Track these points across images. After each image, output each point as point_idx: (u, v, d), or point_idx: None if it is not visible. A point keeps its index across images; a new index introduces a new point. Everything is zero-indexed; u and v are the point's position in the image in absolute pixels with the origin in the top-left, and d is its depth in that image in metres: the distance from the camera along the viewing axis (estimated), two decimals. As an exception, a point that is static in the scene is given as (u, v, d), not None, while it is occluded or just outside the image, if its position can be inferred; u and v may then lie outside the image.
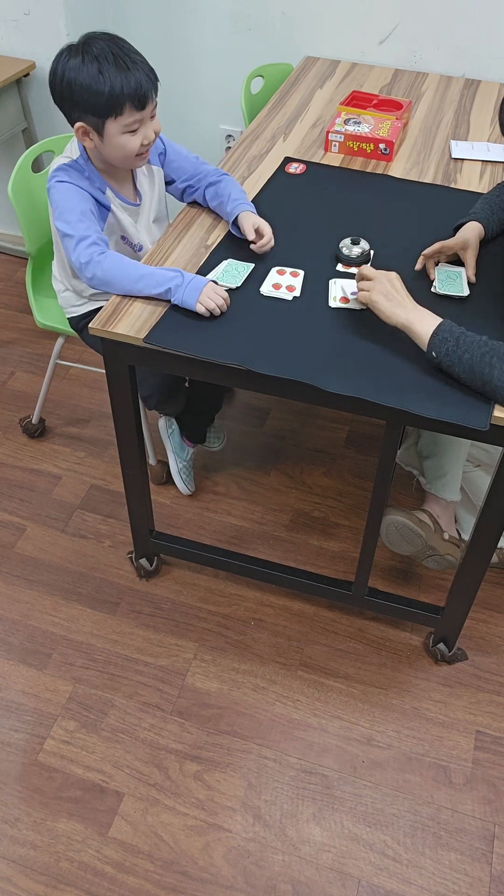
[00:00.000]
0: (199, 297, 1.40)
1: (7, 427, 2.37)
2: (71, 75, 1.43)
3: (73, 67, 1.43)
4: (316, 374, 1.31)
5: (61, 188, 1.55)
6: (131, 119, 1.47)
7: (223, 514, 2.13)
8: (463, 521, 1.96)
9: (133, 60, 1.44)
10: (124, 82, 1.42)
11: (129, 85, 1.43)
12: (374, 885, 1.48)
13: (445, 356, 1.28)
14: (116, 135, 1.49)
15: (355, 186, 1.80)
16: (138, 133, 1.50)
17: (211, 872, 1.49)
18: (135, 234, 1.70)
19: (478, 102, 2.22)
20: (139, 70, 1.44)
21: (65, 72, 1.44)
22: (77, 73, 1.42)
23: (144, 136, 1.51)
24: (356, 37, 2.38)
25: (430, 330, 1.30)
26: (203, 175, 1.71)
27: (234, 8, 2.41)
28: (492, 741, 1.69)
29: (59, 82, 1.46)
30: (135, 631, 1.87)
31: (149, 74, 1.46)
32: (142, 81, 1.44)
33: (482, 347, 1.25)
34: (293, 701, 1.75)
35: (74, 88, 1.44)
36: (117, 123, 1.47)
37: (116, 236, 1.69)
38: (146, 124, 1.51)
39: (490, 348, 1.25)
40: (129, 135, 1.50)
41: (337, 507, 2.16)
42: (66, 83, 1.44)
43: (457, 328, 1.29)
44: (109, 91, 1.42)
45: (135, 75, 1.43)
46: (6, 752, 1.65)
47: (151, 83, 1.47)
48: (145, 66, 1.46)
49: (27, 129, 2.66)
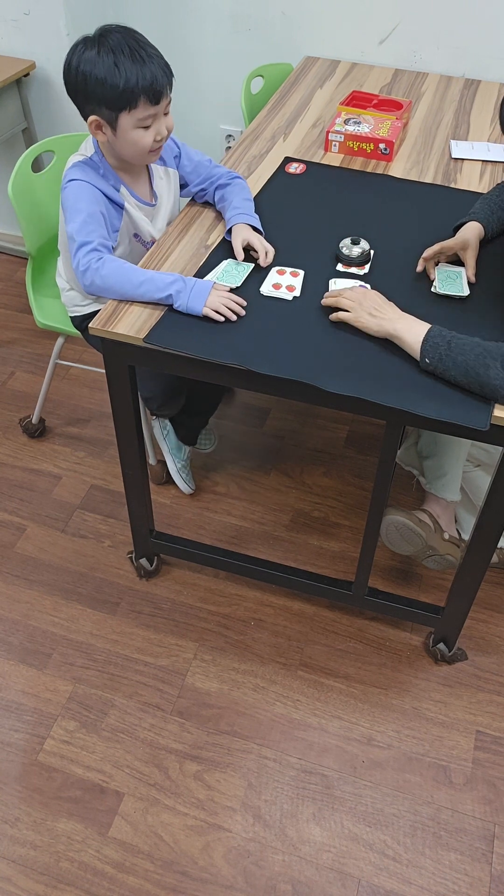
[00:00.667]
0: (207, 301, 1.39)
1: (7, 427, 2.37)
2: (86, 68, 1.42)
3: (88, 60, 1.42)
4: (316, 374, 1.31)
5: (73, 187, 1.54)
6: (145, 113, 1.46)
7: (223, 514, 2.13)
8: (463, 521, 1.96)
9: (149, 54, 1.43)
10: (140, 75, 1.41)
11: (145, 78, 1.42)
12: (374, 885, 1.48)
13: (439, 361, 1.28)
14: (130, 129, 1.48)
15: (355, 186, 1.80)
16: (151, 128, 1.50)
17: (211, 872, 1.49)
18: (148, 233, 1.69)
19: (478, 102, 2.22)
20: (155, 64, 1.43)
21: (80, 64, 1.43)
22: (92, 65, 1.41)
23: (157, 131, 1.51)
24: (356, 37, 2.38)
25: (420, 337, 1.30)
26: (215, 178, 1.71)
27: (234, 8, 2.41)
28: (492, 741, 1.69)
29: (73, 75, 1.44)
30: (135, 631, 1.87)
31: (164, 69, 1.45)
32: (157, 75, 1.43)
33: (476, 348, 1.25)
34: (293, 701, 1.75)
35: (89, 81, 1.42)
36: (131, 117, 1.46)
37: (130, 234, 1.68)
38: (160, 120, 1.50)
39: (484, 349, 1.25)
40: (143, 130, 1.49)
41: (337, 507, 2.16)
42: (82, 76, 1.43)
43: (447, 332, 1.29)
44: (125, 84, 1.41)
45: (150, 69, 1.42)
46: (6, 752, 1.65)
47: (167, 78, 1.46)
48: (161, 61, 1.45)
49: (27, 129, 2.66)
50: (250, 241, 1.54)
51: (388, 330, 1.34)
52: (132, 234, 1.68)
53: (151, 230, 1.69)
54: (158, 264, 1.55)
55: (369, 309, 1.36)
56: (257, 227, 1.59)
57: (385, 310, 1.36)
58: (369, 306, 1.37)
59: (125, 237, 1.67)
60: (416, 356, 1.31)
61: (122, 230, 1.64)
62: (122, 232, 1.65)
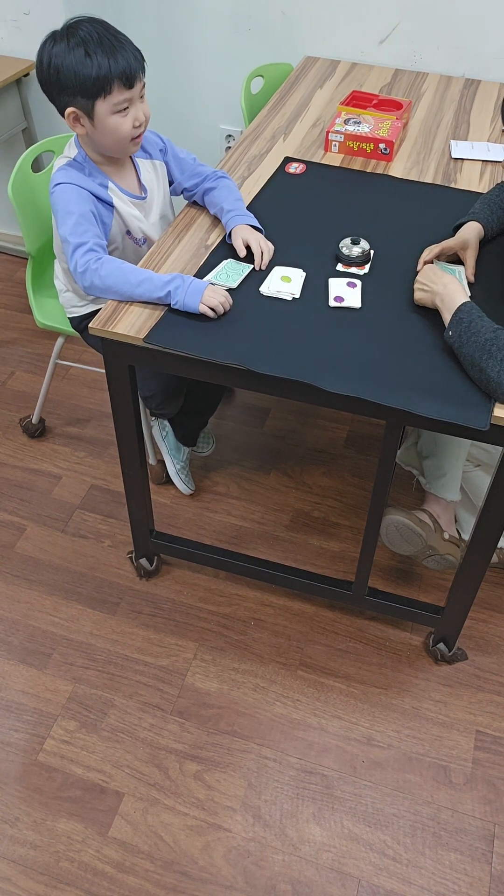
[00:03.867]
0: (203, 298, 1.39)
1: (7, 427, 2.37)
2: (57, 61, 1.44)
3: (58, 53, 1.43)
4: (316, 374, 1.31)
5: (61, 190, 1.55)
6: (121, 97, 1.47)
7: (223, 514, 2.13)
8: (463, 521, 1.96)
9: (119, 40, 1.45)
10: (112, 62, 1.43)
11: (118, 65, 1.44)
12: (374, 885, 1.48)
13: (458, 337, 1.30)
14: (107, 116, 1.49)
15: (355, 186, 1.80)
16: (129, 114, 1.51)
17: (211, 872, 1.49)
18: (139, 229, 1.69)
19: (478, 102, 2.22)
20: (126, 49, 1.45)
21: (51, 58, 1.44)
22: (63, 58, 1.43)
23: (135, 117, 1.52)
24: (356, 37, 2.38)
25: (454, 308, 1.34)
26: (201, 179, 1.71)
27: (234, 8, 2.41)
28: (492, 741, 1.69)
29: (45, 69, 1.46)
30: (135, 631, 1.87)
31: (135, 54, 1.47)
32: (129, 60, 1.45)
33: (487, 334, 1.26)
34: (293, 701, 1.75)
35: (62, 73, 1.44)
36: (107, 103, 1.47)
37: (122, 233, 1.68)
38: (136, 104, 1.51)
39: (496, 337, 1.25)
40: (120, 116, 1.50)
41: (337, 507, 2.16)
42: (53, 68, 1.44)
43: (476, 312, 1.31)
44: (97, 72, 1.42)
45: (122, 55, 1.44)
46: (6, 752, 1.65)
47: (139, 62, 1.48)
48: (131, 46, 1.47)
49: (27, 129, 2.66)
50: (249, 242, 1.54)
51: (432, 300, 1.40)
52: (124, 231, 1.68)
53: (144, 226, 1.69)
54: (158, 264, 1.55)
55: (421, 285, 1.42)
56: (256, 226, 1.59)
57: (435, 282, 1.41)
58: (424, 280, 1.42)
59: (117, 235, 1.67)
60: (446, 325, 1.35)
61: (113, 229, 1.64)
62: (114, 230, 1.65)
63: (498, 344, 1.24)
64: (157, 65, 1.51)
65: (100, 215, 1.59)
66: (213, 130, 2.68)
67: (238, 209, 1.61)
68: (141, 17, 2.49)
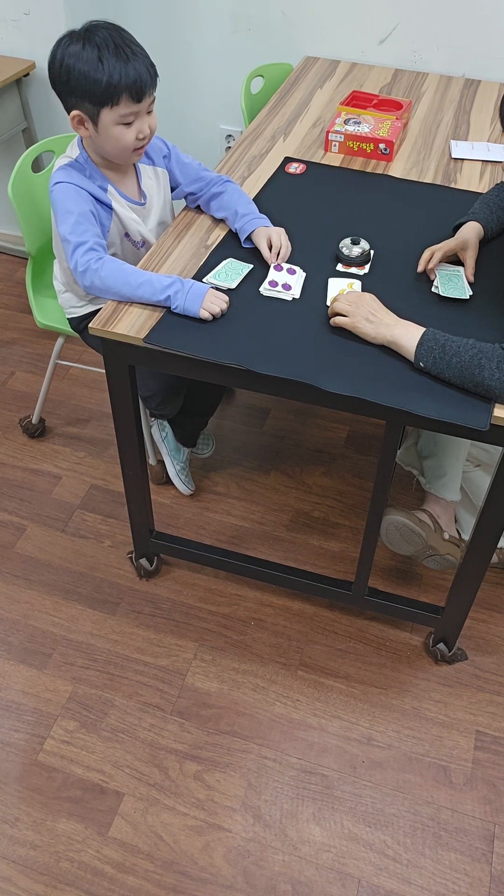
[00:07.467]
0: (203, 304, 1.39)
1: (7, 427, 2.37)
2: (70, 61, 1.43)
3: (72, 53, 1.43)
4: (316, 374, 1.31)
5: (60, 190, 1.54)
6: (127, 110, 1.46)
7: (223, 514, 2.13)
8: (463, 521, 1.96)
9: (134, 52, 1.44)
10: (123, 72, 1.42)
11: (129, 76, 1.42)
12: (374, 885, 1.48)
13: (434, 364, 1.29)
14: (111, 126, 1.48)
15: (355, 186, 1.80)
16: (133, 126, 1.50)
17: (211, 872, 1.49)
18: (137, 232, 1.69)
19: (478, 102, 2.22)
20: (139, 62, 1.44)
21: (64, 57, 1.43)
22: (76, 59, 1.42)
23: (139, 129, 1.51)
24: (356, 37, 2.38)
25: (416, 341, 1.31)
26: (206, 184, 1.70)
27: (234, 8, 2.41)
28: (492, 741, 1.69)
29: (57, 67, 1.45)
30: (135, 631, 1.87)
31: (149, 68, 1.46)
32: (141, 73, 1.44)
33: (470, 350, 1.26)
34: (293, 701, 1.75)
35: (72, 74, 1.43)
36: (113, 113, 1.46)
37: (121, 235, 1.68)
38: (142, 118, 1.51)
39: (478, 350, 1.26)
40: (124, 127, 1.49)
41: (337, 507, 2.16)
42: (65, 68, 1.44)
43: (441, 335, 1.30)
44: (108, 80, 1.41)
45: (135, 66, 1.43)
46: (6, 752, 1.65)
47: (150, 77, 1.46)
48: (146, 60, 1.46)
49: (27, 129, 2.66)
50: (271, 238, 1.55)
51: (386, 336, 1.34)
52: (123, 234, 1.68)
53: (142, 230, 1.69)
54: (158, 264, 1.55)
55: (366, 314, 1.36)
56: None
57: (381, 315, 1.36)
58: (366, 311, 1.37)
59: (116, 237, 1.67)
60: (412, 359, 1.32)
61: (112, 230, 1.64)
62: (113, 232, 1.65)
63: (484, 354, 1.25)
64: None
65: (98, 216, 1.58)
66: (213, 130, 2.68)
67: (253, 212, 1.61)
68: (141, 16, 2.49)
